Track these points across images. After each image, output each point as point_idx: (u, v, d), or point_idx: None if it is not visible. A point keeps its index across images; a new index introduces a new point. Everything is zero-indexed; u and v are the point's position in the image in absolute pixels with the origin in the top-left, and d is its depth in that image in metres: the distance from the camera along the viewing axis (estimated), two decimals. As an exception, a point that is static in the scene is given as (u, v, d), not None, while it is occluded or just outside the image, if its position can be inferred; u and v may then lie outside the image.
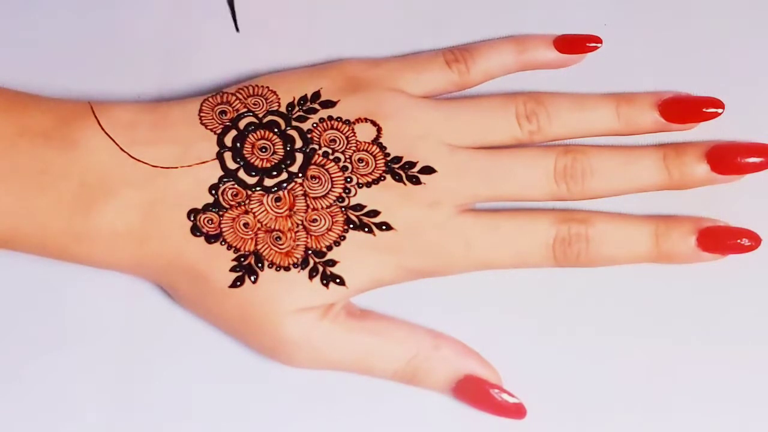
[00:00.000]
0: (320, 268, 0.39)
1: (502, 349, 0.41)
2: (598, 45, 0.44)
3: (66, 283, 0.42)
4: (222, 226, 0.39)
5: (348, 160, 0.41)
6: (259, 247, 0.39)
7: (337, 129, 0.41)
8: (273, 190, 0.40)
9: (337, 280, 0.39)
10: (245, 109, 0.41)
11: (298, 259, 0.39)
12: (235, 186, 0.40)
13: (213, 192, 0.40)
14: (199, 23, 0.45)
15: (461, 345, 0.41)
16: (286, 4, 0.46)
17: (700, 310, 0.42)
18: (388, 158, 0.41)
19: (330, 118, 0.41)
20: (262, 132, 0.41)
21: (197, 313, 0.41)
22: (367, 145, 0.41)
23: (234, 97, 0.42)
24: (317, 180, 0.40)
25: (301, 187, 0.40)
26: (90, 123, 0.40)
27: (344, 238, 0.40)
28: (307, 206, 0.40)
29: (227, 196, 0.40)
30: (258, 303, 0.39)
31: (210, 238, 0.39)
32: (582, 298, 0.42)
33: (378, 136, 0.41)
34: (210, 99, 0.42)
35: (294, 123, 0.41)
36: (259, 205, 0.40)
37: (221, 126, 0.41)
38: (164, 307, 0.42)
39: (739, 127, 0.43)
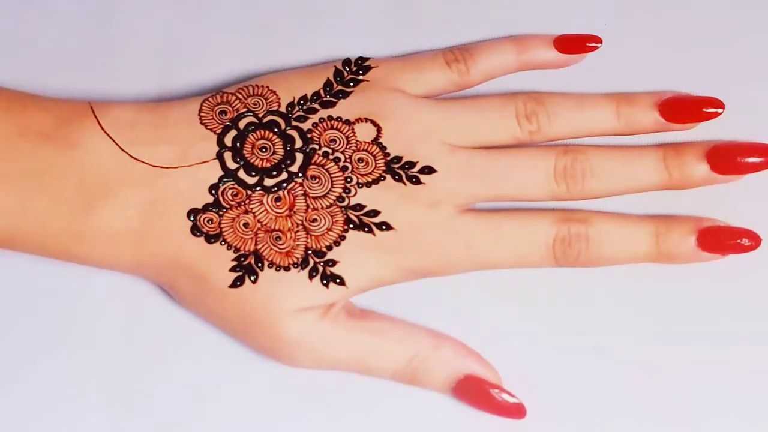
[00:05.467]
0: (320, 268, 0.39)
1: (502, 349, 0.41)
2: (598, 45, 0.44)
3: (66, 283, 0.42)
4: (222, 226, 0.39)
5: (348, 160, 0.41)
6: (259, 247, 0.39)
7: (337, 129, 0.41)
8: (273, 190, 0.40)
9: (337, 280, 0.39)
10: (245, 109, 0.41)
11: (298, 259, 0.39)
12: (235, 186, 0.40)
13: (213, 192, 0.40)
14: (199, 23, 0.45)
15: (461, 345, 0.41)
16: (286, 4, 0.46)
17: (700, 310, 0.42)
18: (388, 158, 0.41)
19: (330, 118, 0.41)
20: (262, 132, 0.41)
21: (197, 313, 0.41)
22: (367, 145, 0.41)
23: (234, 97, 0.42)
24: (317, 180, 0.40)
25: (301, 187, 0.40)
26: (90, 123, 0.40)
27: (344, 238, 0.40)
28: (307, 206, 0.40)
29: (227, 196, 0.40)
30: (258, 303, 0.39)
31: (210, 238, 0.39)
32: (582, 298, 0.42)
33: (378, 136, 0.41)
34: (210, 99, 0.42)
35: (294, 123, 0.41)
36: (259, 205, 0.40)
37: (221, 126, 0.41)
38: (164, 307, 0.42)
39: (739, 127, 0.43)
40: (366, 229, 0.40)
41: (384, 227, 0.40)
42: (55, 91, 0.42)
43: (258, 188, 0.40)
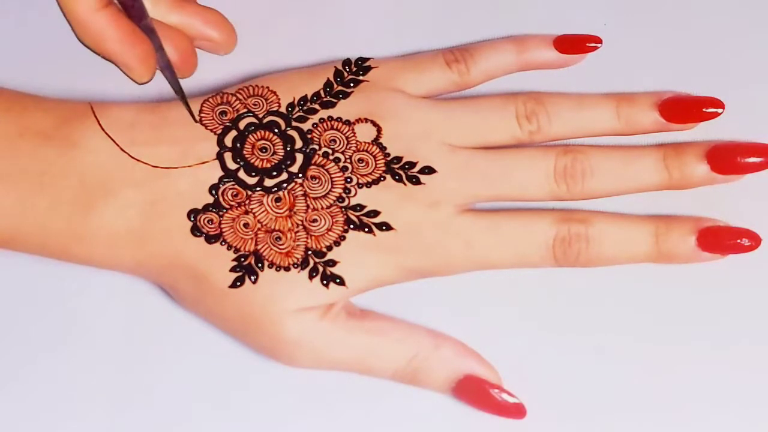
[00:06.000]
0: (320, 268, 0.39)
1: (502, 349, 0.41)
2: (598, 45, 0.44)
3: (66, 283, 0.42)
4: (222, 226, 0.39)
5: (348, 160, 0.41)
6: (259, 247, 0.39)
7: (337, 129, 0.41)
8: (273, 190, 0.40)
9: (337, 280, 0.39)
10: (245, 110, 0.41)
11: (298, 259, 0.39)
12: (235, 186, 0.40)
13: (213, 192, 0.40)
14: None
15: (461, 345, 0.41)
16: (286, 4, 0.46)
17: (700, 310, 0.42)
18: (388, 158, 0.41)
19: (330, 118, 0.41)
20: (262, 132, 0.41)
21: (197, 313, 0.41)
22: (367, 145, 0.41)
23: (234, 98, 0.42)
24: (317, 180, 0.40)
25: (301, 188, 0.40)
26: (90, 123, 0.40)
27: (344, 238, 0.40)
28: (307, 206, 0.40)
29: (227, 196, 0.40)
30: (258, 303, 0.39)
31: (210, 239, 0.39)
32: (582, 298, 0.42)
33: (378, 137, 0.41)
34: (210, 99, 0.42)
35: (294, 123, 0.41)
36: (259, 206, 0.40)
37: (221, 126, 0.41)
38: (164, 307, 0.41)
39: (739, 127, 0.43)
40: (366, 229, 0.40)
41: (384, 227, 0.40)
42: (55, 91, 0.42)
43: (258, 188, 0.40)
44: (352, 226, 0.40)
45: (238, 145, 0.41)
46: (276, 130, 0.41)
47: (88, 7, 0.41)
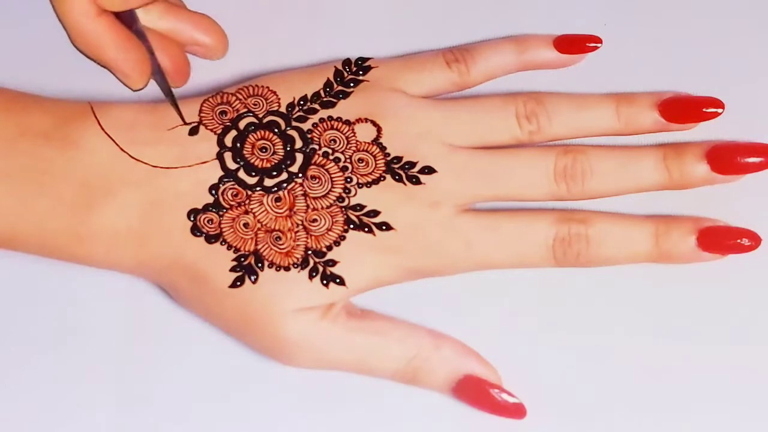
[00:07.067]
0: (320, 268, 0.39)
1: (502, 349, 0.41)
2: (598, 45, 0.44)
3: (66, 283, 0.42)
4: (222, 226, 0.39)
5: (348, 160, 0.41)
6: (259, 247, 0.39)
7: (337, 129, 0.41)
8: (273, 190, 0.40)
9: (337, 280, 0.39)
10: (245, 109, 0.41)
11: (298, 259, 0.39)
12: (235, 186, 0.40)
13: (213, 192, 0.40)
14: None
15: (461, 345, 0.41)
16: (285, 4, 0.46)
17: (700, 310, 0.42)
18: (388, 158, 0.41)
19: (330, 118, 0.41)
20: (262, 132, 0.41)
21: (197, 313, 0.41)
22: (367, 145, 0.41)
23: (234, 97, 0.42)
24: (317, 180, 0.40)
25: (301, 187, 0.40)
26: (90, 123, 0.40)
27: (344, 238, 0.40)
28: (307, 206, 0.40)
29: (227, 196, 0.40)
30: (258, 303, 0.39)
31: (210, 238, 0.39)
32: (582, 298, 0.42)
33: (378, 136, 0.41)
34: (210, 99, 0.42)
35: (294, 123, 0.41)
36: (259, 205, 0.40)
37: (221, 126, 0.41)
38: (164, 307, 0.41)
39: (739, 127, 0.43)
40: (366, 229, 0.40)
41: (384, 227, 0.40)
42: (55, 91, 0.42)
43: (258, 188, 0.40)
44: (352, 226, 0.40)
45: (238, 144, 0.41)
46: (276, 130, 0.41)
47: (84, 15, 0.41)
